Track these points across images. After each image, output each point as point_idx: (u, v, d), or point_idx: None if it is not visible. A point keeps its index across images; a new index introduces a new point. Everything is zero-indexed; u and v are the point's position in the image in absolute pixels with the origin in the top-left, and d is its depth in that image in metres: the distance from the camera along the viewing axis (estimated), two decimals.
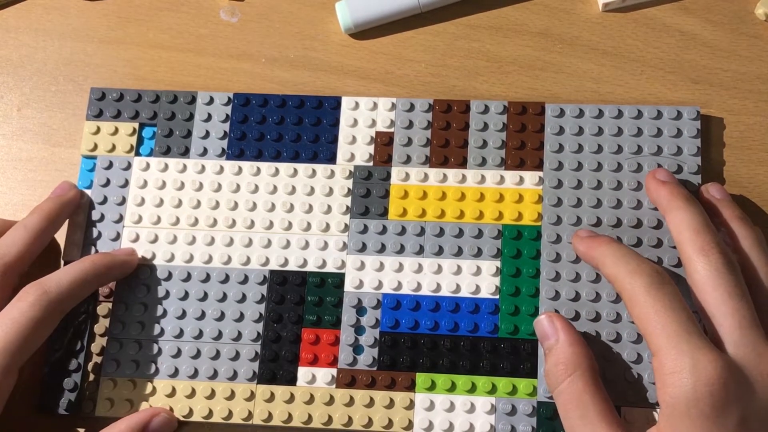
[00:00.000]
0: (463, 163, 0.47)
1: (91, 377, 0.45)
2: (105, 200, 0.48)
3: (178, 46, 0.52)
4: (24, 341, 0.40)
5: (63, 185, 0.48)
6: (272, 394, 0.44)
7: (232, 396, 0.45)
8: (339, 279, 0.46)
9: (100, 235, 0.47)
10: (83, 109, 0.50)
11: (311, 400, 0.44)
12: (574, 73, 0.50)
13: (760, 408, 0.36)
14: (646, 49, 0.50)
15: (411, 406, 0.44)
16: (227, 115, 0.49)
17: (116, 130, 0.49)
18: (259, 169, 0.48)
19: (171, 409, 0.44)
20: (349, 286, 0.46)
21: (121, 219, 0.48)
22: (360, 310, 0.46)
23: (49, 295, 0.42)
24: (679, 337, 0.37)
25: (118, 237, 0.47)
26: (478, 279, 0.45)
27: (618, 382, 0.43)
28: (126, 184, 0.48)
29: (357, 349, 0.45)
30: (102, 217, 0.48)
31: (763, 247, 0.42)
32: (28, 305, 0.41)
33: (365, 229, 0.47)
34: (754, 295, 0.40)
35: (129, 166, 0.48)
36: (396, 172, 0.47)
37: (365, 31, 0.51)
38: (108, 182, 0.48)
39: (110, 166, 0.48)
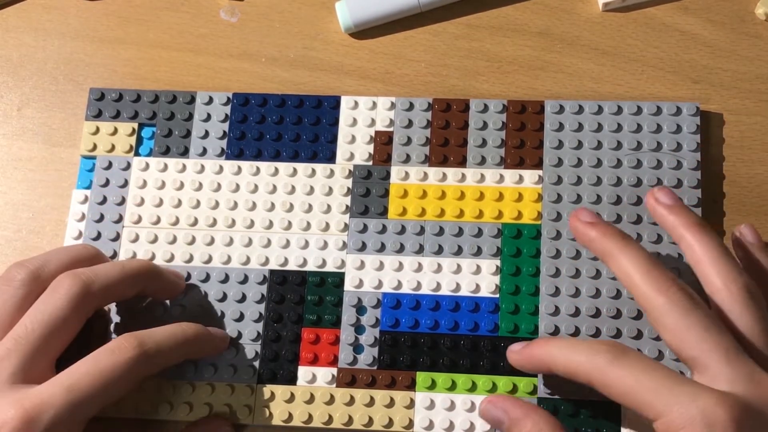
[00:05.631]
0: (462, 162, 0.47)
1: None
2: (104, 200, 0.48)
3: (178, 46, 0.52)
4: (103, 393, 0.37)
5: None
6: (272, 394, 0.44)
7: (232, 395, 0.44)
8: (339, 278, 0.46)
9: (99, 235, 0.47)
10: (83, 109, 0.50)
11: (311, 399, 0.44)
12: (574, 73, 0.50)
13: None
14: (646, 49, 0.50)
15: (411, 405, 0.44)
16: (226, 114, 0.49)
17: (115, 131, 0.49)
18: (258, 169, 0.48)
19: (171, 408, 0.44)
20: (349, 286, 0.46)
21: (120, 219, 0.47)
22: (360, 309, 0.45)
23: (148, 353, 0.39)
24: (671, 392, 0.35)
25: (117, 237, 0.47)
26: (478, 278, 0.45)
27: None
28: (125, 184, 0.48)
29: (357, 348, 0.45)
30: (101, 218, 0.47)
31: (724, 255, 0.39)
32: (125, 360, 0.38)
33: (365, 229, 0.47)
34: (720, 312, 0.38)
35: (128, 167, 0.48)
36: (395, 171, 0.47)
37: (365, 31, 0.51)
38: (107, 182, 0.48)
39: (109, 166, 0.48)
